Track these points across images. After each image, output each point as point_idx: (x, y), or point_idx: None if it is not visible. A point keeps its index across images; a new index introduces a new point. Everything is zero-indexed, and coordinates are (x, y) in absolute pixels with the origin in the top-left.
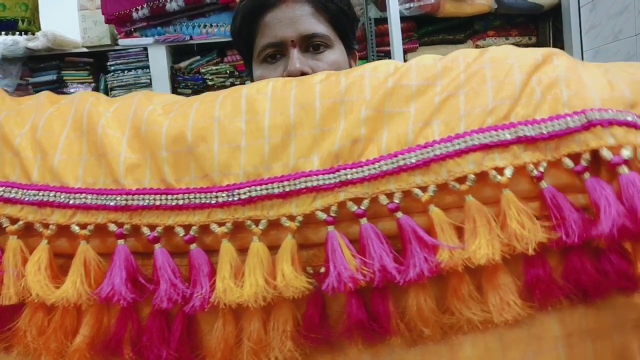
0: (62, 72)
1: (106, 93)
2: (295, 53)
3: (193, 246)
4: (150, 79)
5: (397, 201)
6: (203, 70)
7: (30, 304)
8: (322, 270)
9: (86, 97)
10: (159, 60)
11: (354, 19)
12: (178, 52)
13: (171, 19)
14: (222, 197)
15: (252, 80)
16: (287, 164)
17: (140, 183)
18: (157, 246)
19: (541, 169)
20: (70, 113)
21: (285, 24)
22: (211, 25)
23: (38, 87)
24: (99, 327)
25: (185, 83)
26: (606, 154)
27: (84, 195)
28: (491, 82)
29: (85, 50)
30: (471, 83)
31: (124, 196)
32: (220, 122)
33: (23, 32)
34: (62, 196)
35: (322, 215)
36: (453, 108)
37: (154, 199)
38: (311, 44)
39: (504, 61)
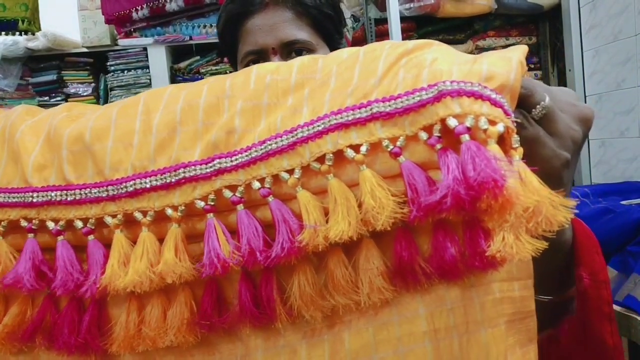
0: (62, 72)
1: (106, 93)
2: (275, 61)
3: (90, 237)
4: (150, 79)
5: (268, 186)
6: (203, 71)
7: None
8: None
9: (18, 110)
10: (158, 60)
11: (339, 20)
12: (178, 53)
13: (171, 19)
14: (112, 190)
15: None
16: (171, 157)
17: (47, 181)
18: (59, 238)
19: (399, 144)
20: None
21: (265, 31)
22: (211, 26)
23: (38, 87)
24: (22, 318)
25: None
26: (451, 122)
27: None
28: (359, 68)
29: (85, 50)
30: (341, 71)
31: (30, 193)
32: (116, 123)
33: (23, 32)
34: None
35: (201, 204)
36: (321, 94)
37: (55, 195)
38: (293, 50)
39: (376, 51)
